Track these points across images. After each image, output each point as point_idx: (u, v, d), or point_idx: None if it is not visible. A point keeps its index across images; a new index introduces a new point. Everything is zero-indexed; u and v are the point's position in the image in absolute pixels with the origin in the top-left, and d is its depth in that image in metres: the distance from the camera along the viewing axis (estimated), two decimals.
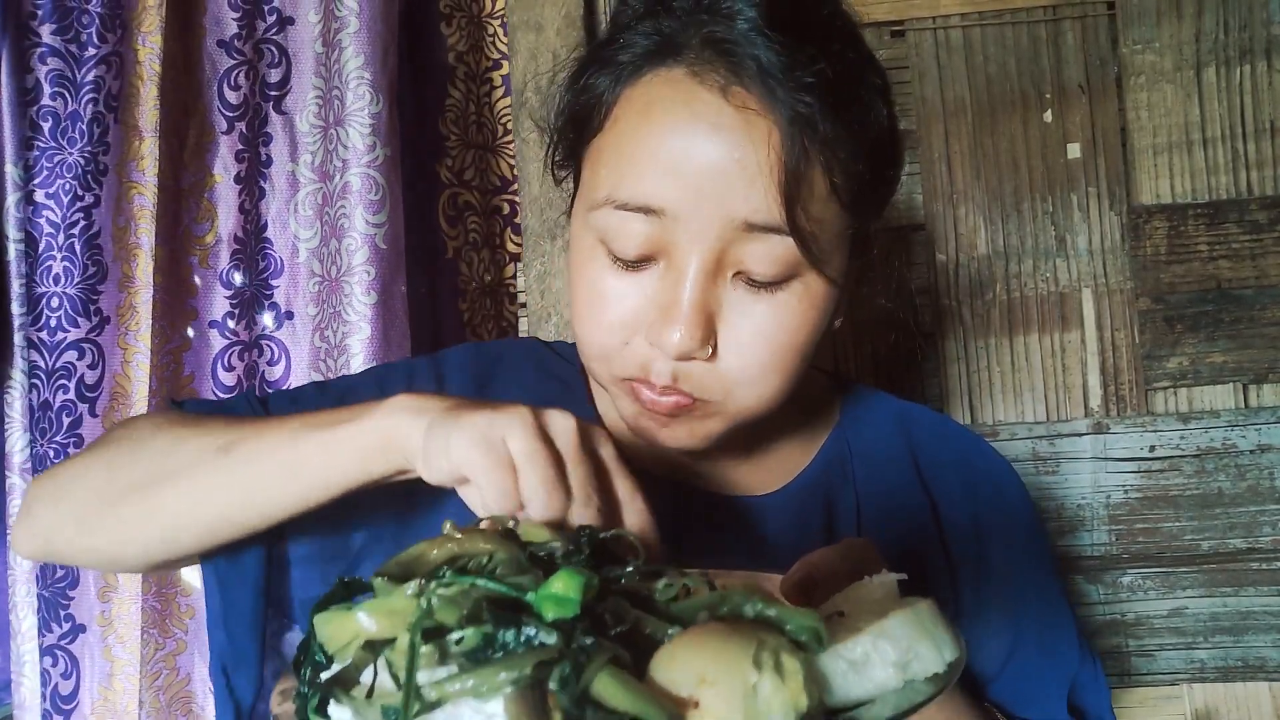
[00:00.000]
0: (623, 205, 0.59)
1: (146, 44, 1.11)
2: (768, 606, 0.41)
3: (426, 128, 1.25)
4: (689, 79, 0.58)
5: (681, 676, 0.38)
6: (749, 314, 0.60)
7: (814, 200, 0.58)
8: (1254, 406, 1.14)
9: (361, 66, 1.15)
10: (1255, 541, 1.13)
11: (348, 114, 1.15)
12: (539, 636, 0.39)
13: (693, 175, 0.57)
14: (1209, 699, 1.14)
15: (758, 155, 0.56)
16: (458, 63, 1.25)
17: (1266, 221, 1.14)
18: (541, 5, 1.17)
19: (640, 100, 0.60)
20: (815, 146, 0.57)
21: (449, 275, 1.25)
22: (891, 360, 1.18)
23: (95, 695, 1.10)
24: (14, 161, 1.11)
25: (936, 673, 0.42)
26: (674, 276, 0.59)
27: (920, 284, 1.18)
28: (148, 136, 1.11)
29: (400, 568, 0.46)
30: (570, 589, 0.40)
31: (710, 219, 0.57)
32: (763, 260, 0.58)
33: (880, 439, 0.77)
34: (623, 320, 0.61)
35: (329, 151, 1.16)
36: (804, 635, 0.40)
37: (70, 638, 1.10)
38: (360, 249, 1.14)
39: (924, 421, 0.80)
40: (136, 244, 1.12)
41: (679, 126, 0.57)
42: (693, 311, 0.58)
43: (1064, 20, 1.17)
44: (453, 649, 0.39)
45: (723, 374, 0.61)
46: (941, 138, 1.18)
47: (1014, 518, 0.78)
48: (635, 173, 0.59)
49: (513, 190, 1.27)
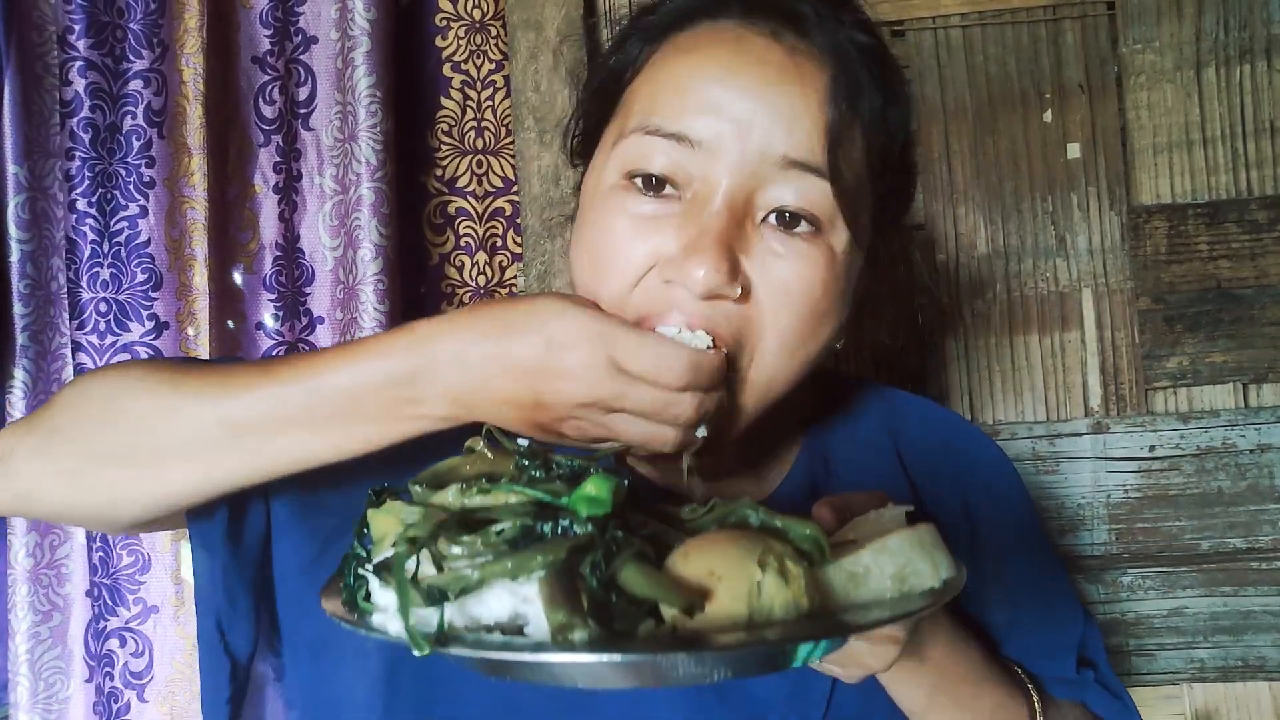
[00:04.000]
0: (655, 130, 0.57)
1: (190, 64, 1.16)
2: (772, 517, 0.45)
3: (415, 140, 1.29)
4: (738, 26, 0.59)
5: (693, 572, 0.41)
6: (780, 258, 0.57)
7: (853, 152, 0.59)
8: (1254, 406, 1.14)
9: (373, 85, 1.19)
10: (1255, 541, 1.13)
11: (360, 130, 1.19)
12: (574, 528, 0.42)
13: (736, 111, 0.56)
14: (1209, 699, 1.14)
15: (804, 94, 0.57)
16: (454, 72, 1.28)
17: (1266, 221, 1.14)
18: (541, 5, 1.18)
19: (686, 43, 0.60)
20: (860, 97, 0.58)
21: (433, 281, 1.29)
22: (891, 360, 1.19)
23: (170, 669, 1.15)
24: (18, 163, 1.13)
25: (932, 587, 0.45)
26: (699, 207, 0.56)
27: (920, 284, 1.18)
28: (196, 154, 1.16)
29: (435, 478, 0.48)
30: (602, 490, 0.43)
31: (749, 152, 0.56)
32: (797, 199, 0.57)
33: (861, 438, 0.76)
34: (637, 257, 0.57)
35: (346, 165, 1.21)
36: (807, 545, 0.43)
37: (141, 619, 1.15)
38: (375, 259, 1.18)
39: (903, 408, 0.79)
40: (192, 255, 1.17)
41: (726, 62, 0.57)
42: (719, 243, 0.55)
43: (1064, 20, 1.17)
44: (493, 538, 0.42)
45: (755, 319, 0.57)
46: (941, 138, 1.18)
47: (1001, 494, 0.78)
48: (674, 104, 0.58)
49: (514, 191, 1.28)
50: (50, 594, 1.15)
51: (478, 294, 1.28)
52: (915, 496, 0.75)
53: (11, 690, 1.13)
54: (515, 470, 0.48)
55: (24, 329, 1.13)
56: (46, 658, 1.14)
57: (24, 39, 1.15)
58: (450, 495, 0.45)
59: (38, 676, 1.13)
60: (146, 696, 1.14)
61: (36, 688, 1.13)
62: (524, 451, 0.49)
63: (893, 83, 0.63)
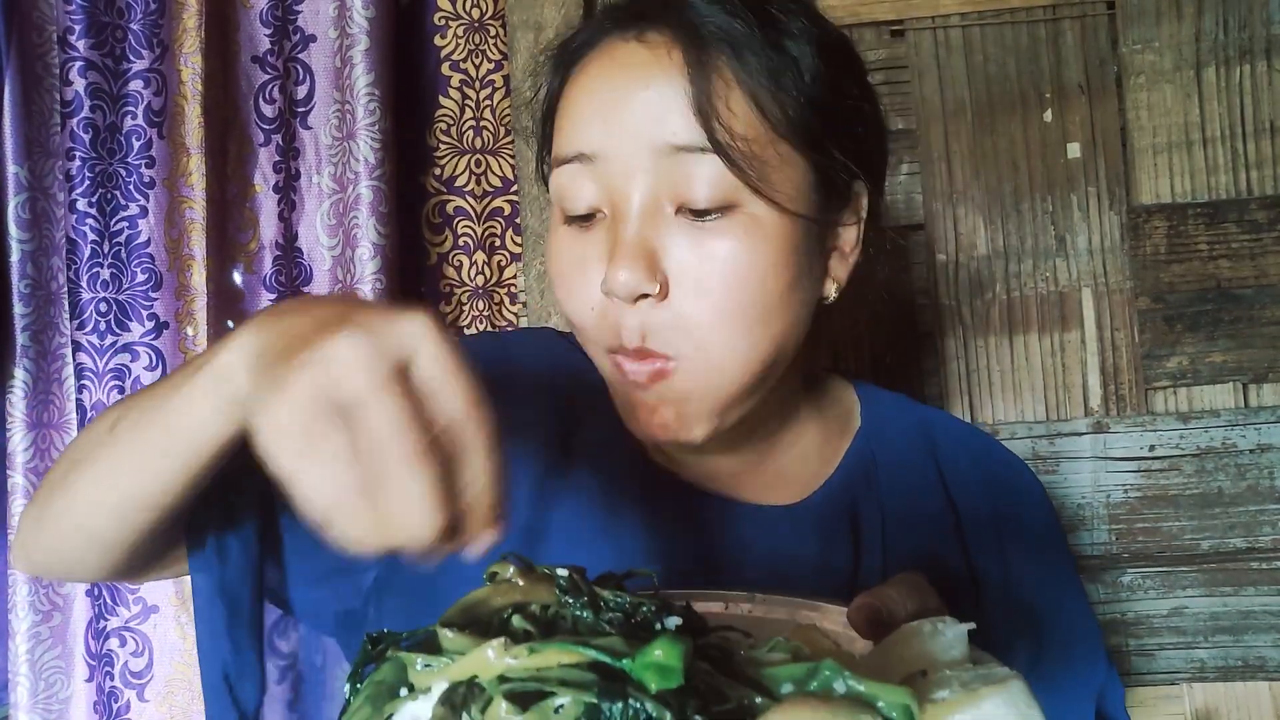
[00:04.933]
0: (562, 159, 0.61)
1: (188, 64, 1.16)
2: (859, 682, 0.39)
3: (413, 139, 1.29)
4: (612, 40, 0.62)
5: None
6: (694, 247, 0.58)
7: (735, 119, 0.58)
8: (1254, 406, 1.14)
9: (371, 84, 1.19)
10: (1255, 541, 1.13)
11: (359, 128, 1.19)
12: (646, 708, 0.35)
13: (612, 114, 0.59)
14: (1209, 699, 1.14)
15: (669, 79, 0.58)
16: (452, 71, 1.28)
17: (1266, 221, 1.14)
18: (541, 5, 1.18)
19: (578, 70, 0.64)
20: (727, 64, 0.58)
21: (431, 280, 1.29)
22: (892, 360, 1.19)
23: (170, 669, 1.15)
24: (18, 163, 1.13)
25: None
26: (616, 220, 0.60)
27: (920, 284, 1.18)
28: (194, 153, 1.16)
29: (463, 614, 0.41)
30: (672, 657, 0.36)
31: (635, 151, 0.58)
32: (695, 183, 0.57)
33: (903, 446, 0.74)
34: (584, 281, 0.61)
35: (345, 164, 1.21)
36: (895, 713, 0.38)
37: (142, 618, 1.15)
38: (373, 258, 1.18)
39: (944, 427, 0.78)
40: (190, 255, 1.17)
41: (601, 74, 0.61)
42: (631, 245, 0.58)
43: (1064, 20, 1.17)
44: (552, 717, 0.36)
45: (684, 319, 0.59)
46: (941, 138, 1.18)
47: (1037, 531, 0.76)
48: (570, 127, 0.62)
49: (514, 191, 1.28)
50: (51, 594, 1.15)
51: (476, 294, 1.28)
52: (956, 523, 0.73)
53: (12, 690, 1.13)
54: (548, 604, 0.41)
55: (24, 329, 1.13)
56: (47, 658, 1.14)
57: (24, 39, 1.15)
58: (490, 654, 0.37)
59: (38, 676, 1.13)
60: (146, 696, 1.14)
61: (37, 687, 1.13)
62: (564, 583, 0.42)
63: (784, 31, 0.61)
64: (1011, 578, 0.73)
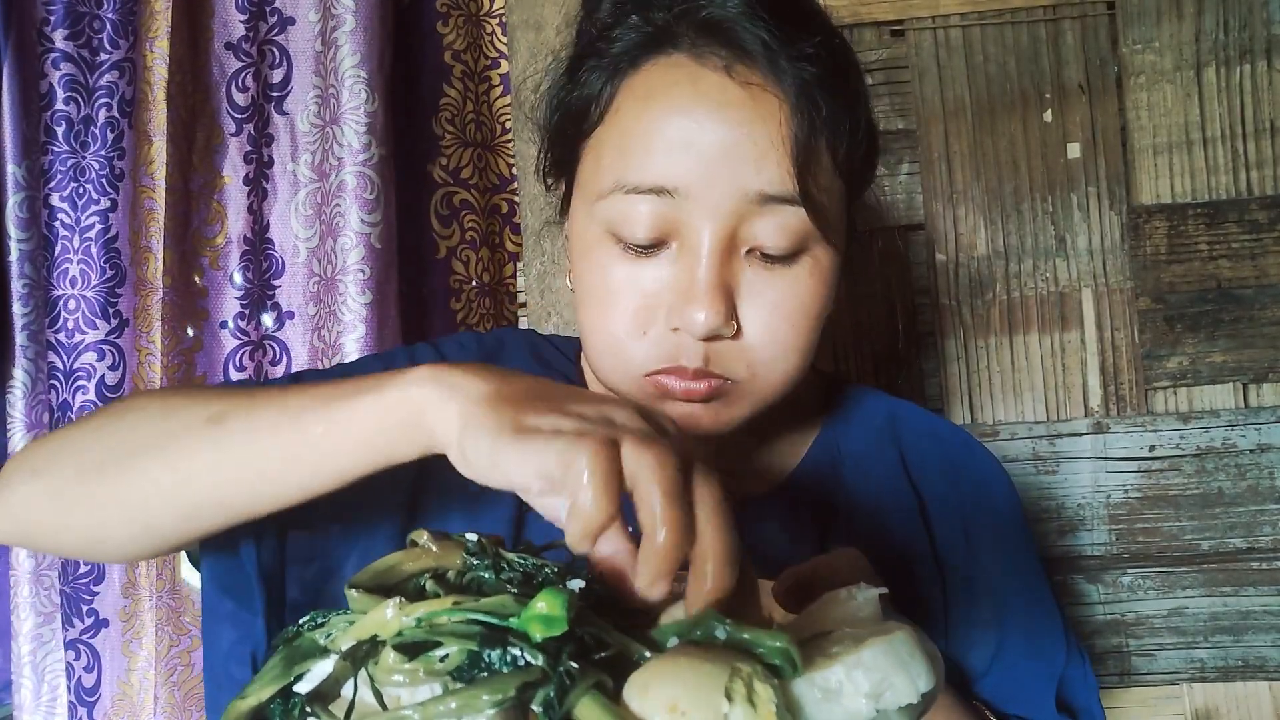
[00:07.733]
0: (633, 189, 0.59)
1: (154, 49, 1.13)
2: (740, 630, 0.41)
3: (421, 127, 1.25)
4: (690, 62, 0.59)
5: (654, 704, 0.38)
6: (767, 289, 0.61)
7: (821, 171, 0.60)
8: (1254, 406, 1.14)
9: (357, 65, 1.15)
10: (1255, 541, 1.13)
11: (343, 112, 1.15)
12: (524, 656, 0.38)
13: (704, 152, 0.58)
14: (1209, 699, 1.14)
15: (767, 129, 0.58)
16: (455, 61, 1.25)
17: (1266, 221, 1.14)
18: (541, 5, 1.17)
19: (641, 88, 0.61)
20: (819, 118, 0.59)
21: (441, 275, 1.25)
22: (891, 360, 1.19)
23: (115, 689, 1.13)
24: (16, 162, 1.11)
25: (910, 703, 0.42)
26: (690, 256, 0.59)
27: (920, 284, 1.18)
28: (156, 140, 1.13)
29: (374, 578, 0.44)
30: (555, 606, 0.39)
31: (724, 194, 0.58)
32: (777, 233, 0.59)
33: (869, 439, 0.76)
34: (641, 308, 0.61)
35: (326, 150, 1.17)
36: (777, 659, 0.40)
37: (93, 632, 1.13)
38: (355, 248, 1.15)
39: (912, 420, 0.79)
40: (148, 247, 1.14)
41: (685, 107, 0.58)
42: (714, 288, 0.58)
43: (1064, 20, 1.17)
44: (437, 665, 0.39)
45: (748, 351, 0.61)
46: (941, 138, 1.18)
47: (1001, 517, 0.77)
48: (643, 156, 0.59)
49: (512, 189, 1.27)
50: (53, 595, 1.14)
51: (481, 290, 1.27)
52: (920, 505, 0.74)
53: (15, 691, 1.13)
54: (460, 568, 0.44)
55: (24, 329, 1.12)
56: (49, 659, 1.14)
57: (23, 38, 1.13)
58: (389, 613, 0.40)
59: (40, 678, 1.13)
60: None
61: (39, 689, 1.13)
62: (472, 547, 0.45)
63: (851, 85, 0.63)
64: (974, 563, 0.74)
